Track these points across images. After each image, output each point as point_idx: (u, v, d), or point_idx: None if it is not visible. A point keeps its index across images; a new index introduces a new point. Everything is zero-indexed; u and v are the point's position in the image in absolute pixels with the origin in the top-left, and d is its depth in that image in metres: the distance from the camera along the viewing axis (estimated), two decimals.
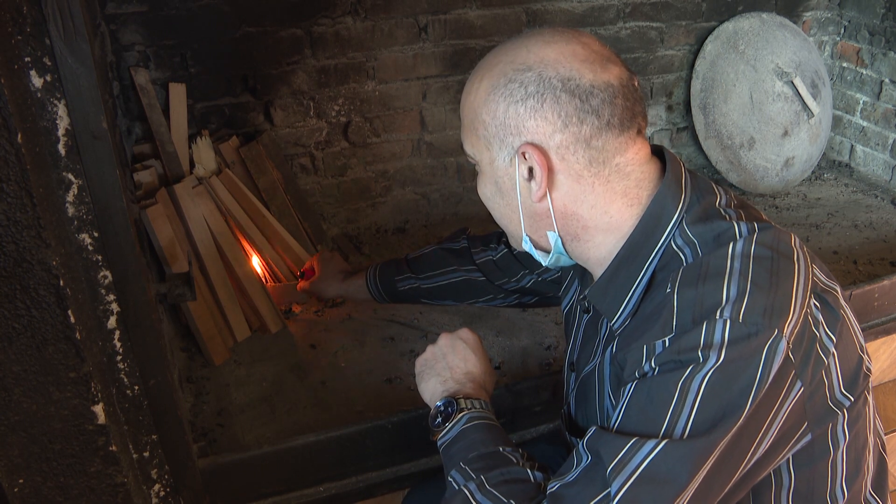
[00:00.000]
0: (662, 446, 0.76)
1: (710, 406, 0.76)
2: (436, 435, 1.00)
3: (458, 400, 1.01)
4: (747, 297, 0.79)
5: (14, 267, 0.87)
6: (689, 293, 0.82)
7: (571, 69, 0.86)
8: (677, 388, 0.78)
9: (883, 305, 1.71)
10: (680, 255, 0.87)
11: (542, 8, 2.04)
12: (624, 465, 0.77)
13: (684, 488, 0.76)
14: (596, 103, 0.85)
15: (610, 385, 0.97)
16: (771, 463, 0.86)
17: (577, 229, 0.92)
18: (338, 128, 1.98)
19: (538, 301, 1.38)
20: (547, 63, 0.86)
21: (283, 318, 1.70)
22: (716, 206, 0.90)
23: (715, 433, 0.76)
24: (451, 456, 0.96)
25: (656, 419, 0.78)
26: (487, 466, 0.91)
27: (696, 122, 2.31)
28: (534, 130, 0.87)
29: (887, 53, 2.27)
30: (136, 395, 1.07)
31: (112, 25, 1.64)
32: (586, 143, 0.87)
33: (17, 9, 0.81)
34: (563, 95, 0.85)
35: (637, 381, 0.82)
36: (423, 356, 1.11)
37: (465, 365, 1.08)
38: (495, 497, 0.86)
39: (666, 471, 0.76)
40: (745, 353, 0.77)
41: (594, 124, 0.86)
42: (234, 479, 1.26)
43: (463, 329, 1.13)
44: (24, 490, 1.01)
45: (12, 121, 0.81)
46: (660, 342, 0.81)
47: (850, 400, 0.87)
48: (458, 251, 1.41)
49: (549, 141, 0.87)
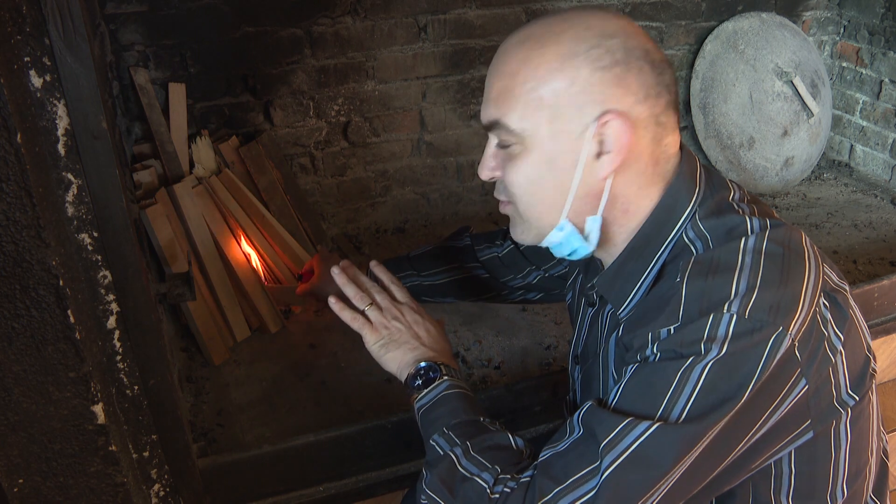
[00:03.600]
0: (655, 429, 0.77)
1: (707, 395, 0.77)
2: (413, 397, 1.02)
3: (441, 366, 1.02)
4: (756, 293, 0.78)
5: (14, 267, 0.87)
6: (699, 284, 0.81)
7: (648, 42, 0.86)
8: (677, 376, 0.78)
9: (883, 305, 1.72)
10: (691, 247, 0.86)
11: (542, 8, 2.04)
12: (616, 443, 0.78)
13: (669, 472, 0.77)
14: (667, 79, 0.86)
15: (614, 367, 0.97)
16: (766, 452, 0.86)
17: (618, 213, 0.90)
18: (337, 128, 1.98)
19: (543, 297, 1.38)
20: (629, 33, 0.85)
21: (282, 318, 1.70)
22: (729, 200, 0.90)
23: (707, 421, 0.77)
24: (433, 420, 0.97)
25: (653, 402, 0.78)
26: (471, 433, 0.92)
27: (695, 121, 2.31)
28: (618, 99, 0.83)
29: (887, 53, 2.27)
30: (135, 395, 1.07)
31: (112, 25, 1.64)
32: (656, 120, 0.86)
33: (16, 9, 0.81)
34: (646, 66, 0.84)
35: (638, 364, 0.83)
36: (380, 332, 1.08)
37: (429, 336, 1.08)
38: (480, 462, 0.88)
39: (655, 453, 0.77)
40: (747, 346, 0.77)
41: (667, 100, 0.86)
42: (234, 479, 1.26)
43: (410, 308, 1.12)
44: (24, 490, 1.01)
45: (12, 120, 0.81)
46: (665, 330, 0.81)
47: (854, 399, 0.87)
48: (462, 248, 1.41)
49: (630, 111, 0.84)
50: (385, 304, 1.10)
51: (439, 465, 0.91)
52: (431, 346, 1.07)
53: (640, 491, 0.77)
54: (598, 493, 0.77)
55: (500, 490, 0.84)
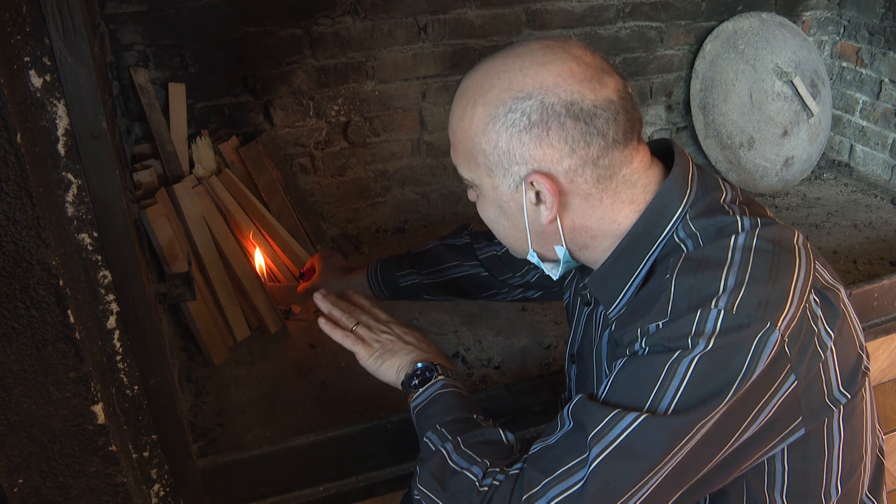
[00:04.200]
0: (643, 419, 0.77)
1: (694, 389, 0.78)
2: (410, 397, 1.04)
3: (437, 366, 1.05)
4: (744, 288, 0.79)
5: (13, 267, 0.87)
6: (687, 280, 0.82)
7: (573, 92, 0.84)
8: (664, 369, 0.79)
9: (882, 305, 1.71)
10: (682, 246, 0.87)
11: (542, 8, 2.04)
12: (604, 434, 0.78)
13: (657, 464, 0.77)
14: (600, 124, 0.85)
15: (607, 363, 0.99)
16: (759, 451, 0.86)
17: (586, 239, 0.93)
18: (337, 127, 1.98)
19: (542, 295, 1.38)
20: (547, 88, 0.84)
21: (282, 318, 1.70)
22: (720, 202, 0.90)
23: (695, 415, 0.77)
24: (427, 418, 0.99)
25: (641, 394, 0.79)
26: (462, 429, 0.94)
27: (695, 121, 2.31)
28: (540, 158, 0.86)
29: (887, 53, 2.27)
30: (135, 394, 1.07)
31: (112, 25, 1.64)
32: (594, 164, 0.86)
33: (16, 9, 0.81)
34: (568, 121, 0.84)
35: (627, 358, 0.84)
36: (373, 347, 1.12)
37: (420, 342, 1.12)
38: (470, 457, 0.89)
39: (642, 445, 0.77)
40: (735, 342, 0.78)
41: (600, 144, 0.85)
42: (234, 478, 1.26)
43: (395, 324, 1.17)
44: (24, 490, 1.01)
45: (12, 120, 0.81)
46: (653, 325, 0.82)
47: (846, 397, 0.87)
48: (461, 247, 1.41)
49: (556, 167, 0.86)
50: (372, 322, 1.16)
51: (431, 460, 0.92)
52: (425, 349, 1.10)
53: (628, 483, 0.78)
54: (586, 484, 0.78)
55: (489, 483, 0.85)
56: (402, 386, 1.06)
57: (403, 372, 1.06)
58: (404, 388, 1.05)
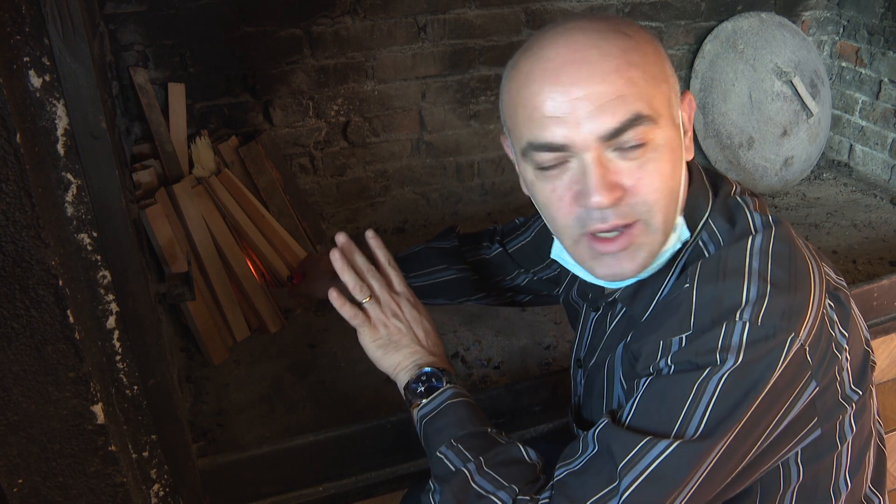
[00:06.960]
0: (675, 447, 0.76)
1: (722, 406, 0.77)
2: (414, 405, 0.99)
3: (443, 372, 1.00)
4: (767, 299, 0.78)
5: (13, 267, 0.87)
6: (709, 290, 0.81)
7: None
8: (693, 389, 0.77)
9: (882, 305, 1.72)
10: (705, 251, 0.87)
11: (542, 8, 2.04)
12: (635, 462, 0.77)
13: (686, 484, 0.77)
14: None
15: (622, 372, 0.96)
16: (775, 455, 0.86)
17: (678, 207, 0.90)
18: (337, 127, 1.98)
19: (532, 300, 1.36)
20: None
21: (282, 318, 1.70)
22: (733, 195, 0.91)
23: (721, 431, 0.77)
24: (438, 430, 0.95)
25: (670, 418, 0.78)
26: (482, 447, 0.90)
27: (695, 121, 2.31)
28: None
29: (886, 53, 2.27)
30: (135, 395, 1.07)
31: (111, 25, 1.64)
32: None
33: (16, 9, 0.81)
34: None
35: (652, 377, 0.82)
36: (379, 332, 1.05)
37: (427, 337, 1.05)
38: (496, 480, 0.86)
39: (674, 470, 0.76)
40: (762, 354, 0.77)
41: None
42: (234, 479, 1.26)
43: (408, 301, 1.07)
44: (24, 490, 1.01)
45: (11, 120, 0.81)
46: (676, 339, 0.81)
47: (858, 394, 0.88)
48: (448, 250, 1.37)
49: None
50: (384, 297, 1.06)
51: (452, 480, 0.89)
52: (430, 349, 1.05)
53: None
54: None
55: None
56: (404, 389, 1.02)
57: (406, 373, 1.02)
58: (406, 392, 1.01)
